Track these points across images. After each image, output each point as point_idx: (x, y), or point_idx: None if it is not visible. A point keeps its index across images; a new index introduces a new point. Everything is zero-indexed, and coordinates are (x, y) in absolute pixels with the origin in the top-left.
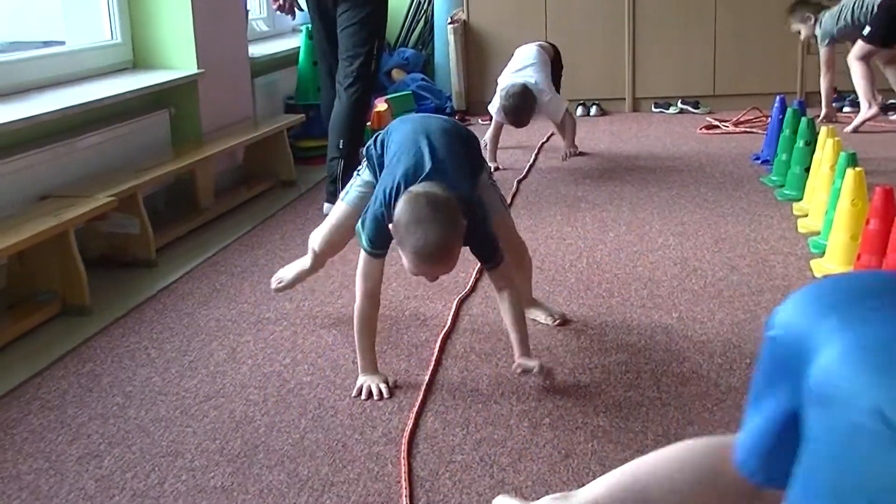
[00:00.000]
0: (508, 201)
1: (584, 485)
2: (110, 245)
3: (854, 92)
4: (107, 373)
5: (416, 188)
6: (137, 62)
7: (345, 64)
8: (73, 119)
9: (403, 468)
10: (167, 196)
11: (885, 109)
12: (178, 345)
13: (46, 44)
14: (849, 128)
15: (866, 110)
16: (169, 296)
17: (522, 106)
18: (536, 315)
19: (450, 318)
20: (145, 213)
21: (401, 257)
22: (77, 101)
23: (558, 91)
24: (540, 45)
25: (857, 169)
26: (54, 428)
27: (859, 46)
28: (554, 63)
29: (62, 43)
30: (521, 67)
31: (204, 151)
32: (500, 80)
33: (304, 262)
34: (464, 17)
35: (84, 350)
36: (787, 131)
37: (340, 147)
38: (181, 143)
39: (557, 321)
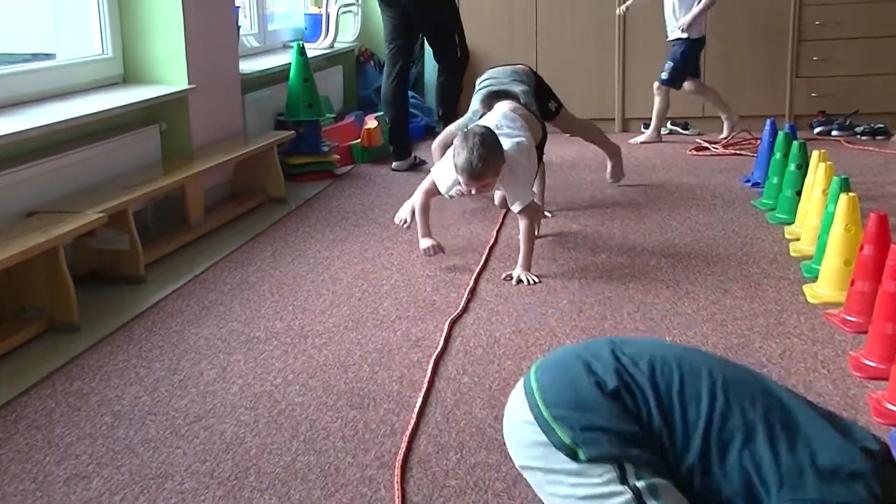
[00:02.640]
0: (497, 224)
1: None
2: (99, 261)
3: (842, 115)
4: (95, 391)
5: None
6: (128, 77)
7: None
8: (63, 134)
9: (397, 493)
10: (156, 212)
11: (873, 133)
12: (167, 363)
13: (35, 56)
14: None
15: None
16: (158, 313)
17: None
18: None
19: (442, 339)
20: (135, 230)
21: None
22: (67, 115)
23: None
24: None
25: (851, 194)
26: (41, 448)
27: None
28: None
29: (52, 55)
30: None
31: (194, 167)
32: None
33: None
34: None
35: (72, 368)
36: (778, 154)
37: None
38: (171, 158)
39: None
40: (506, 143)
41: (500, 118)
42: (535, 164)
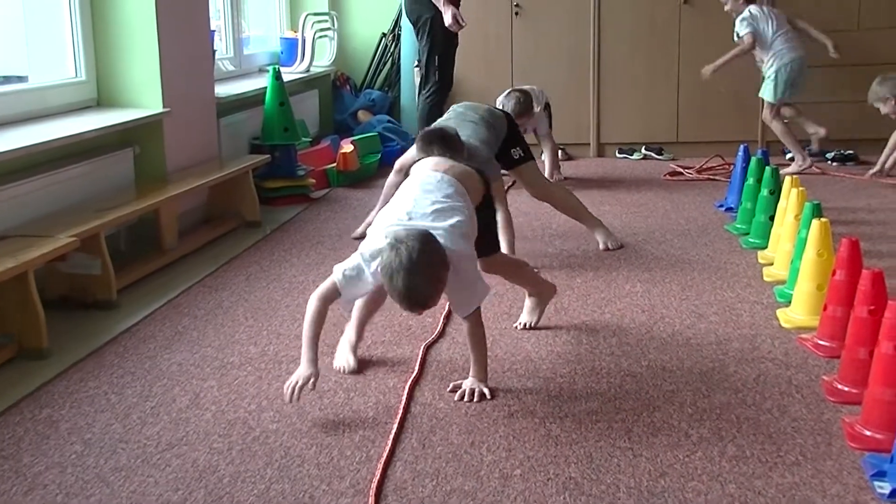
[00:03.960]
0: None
1: None
2: (70, 286)
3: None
4: (65, 419)
5: None
6: (102, 100)
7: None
8: (35, 157)
9: None
10: (129, 236)
11: (843, 160)
12: (139, 390)
13: (7, 79)
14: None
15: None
16: (130, 339)
17: None
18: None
19: (417, 363)
20: (107, 254)
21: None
22: (39, 138)
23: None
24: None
25: (823, 220)
26: (9, 478)
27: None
28: None
29: (24, 78)
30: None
31: (168, 191)
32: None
33: None
34: None
35: (41, 395)
36: (751, 180)
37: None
38: (145, 182)
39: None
40: (439, 233)
41: (424, 190)
42: (472, 244)
